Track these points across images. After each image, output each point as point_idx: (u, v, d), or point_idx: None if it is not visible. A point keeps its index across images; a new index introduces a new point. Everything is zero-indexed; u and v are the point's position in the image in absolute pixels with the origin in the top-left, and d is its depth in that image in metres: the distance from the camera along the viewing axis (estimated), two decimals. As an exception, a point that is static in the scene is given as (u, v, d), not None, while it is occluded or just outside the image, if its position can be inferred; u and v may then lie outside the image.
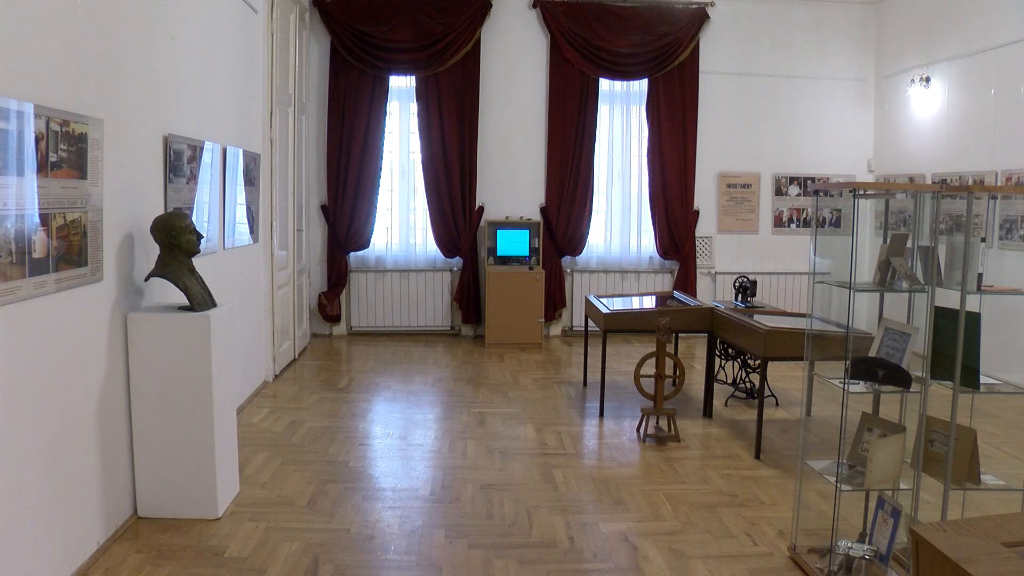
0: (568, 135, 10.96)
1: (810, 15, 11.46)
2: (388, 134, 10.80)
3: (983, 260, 4.02)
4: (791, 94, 11.53)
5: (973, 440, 4.09)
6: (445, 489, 5.56)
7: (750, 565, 4.52)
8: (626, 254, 11.41)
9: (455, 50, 10.56)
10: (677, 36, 10.99)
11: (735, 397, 8.00)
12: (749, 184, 11.54)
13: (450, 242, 10.89)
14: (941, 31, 10.23)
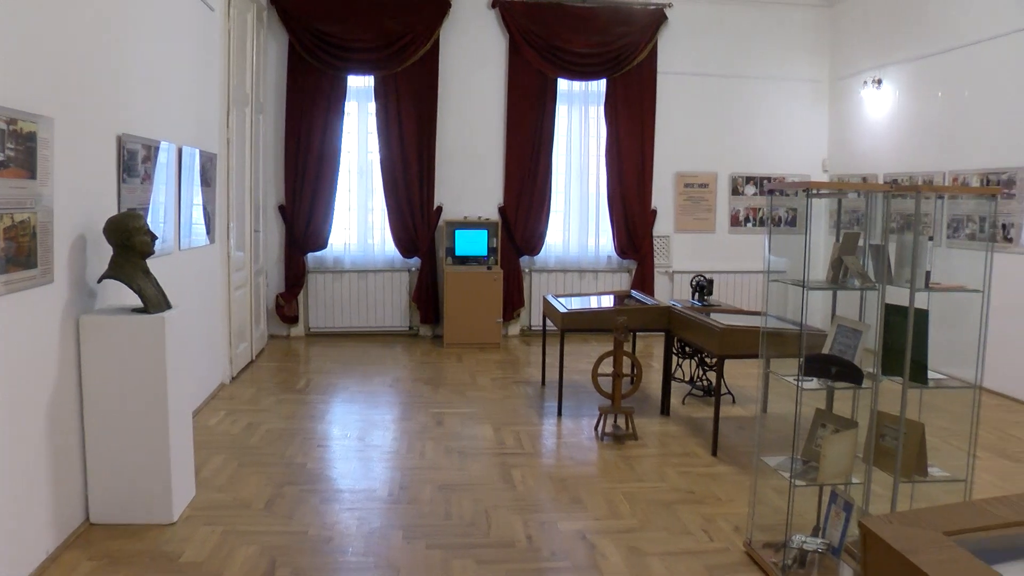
0: (527, 135, 10.98)
1: (766, 17, 11.58)
2: (346, 134, 10.76)
3: (931, 258, 4.09)
4: (748, 95, 11.65)
5: (921, 434, 4.17)
6: (403, 490, 5.55)
7: (707, 561, 4.56)
8: (584, 254, 11.46)
9: (414, 50, 10.54)
10: (635, 37, 11.06)
11: (692, 395, 8.07)
12: (706, 184, 11.64)
13: (408, 242, 10.86)
14: (892, 35, 10.39)
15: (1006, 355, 8.16)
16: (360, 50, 10.46)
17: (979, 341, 4.07)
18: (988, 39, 8.77)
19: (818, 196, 4.85)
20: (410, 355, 10.00)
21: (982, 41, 8.86)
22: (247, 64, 9.00)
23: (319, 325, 10.95)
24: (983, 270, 3.99)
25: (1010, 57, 8.49)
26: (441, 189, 10.94)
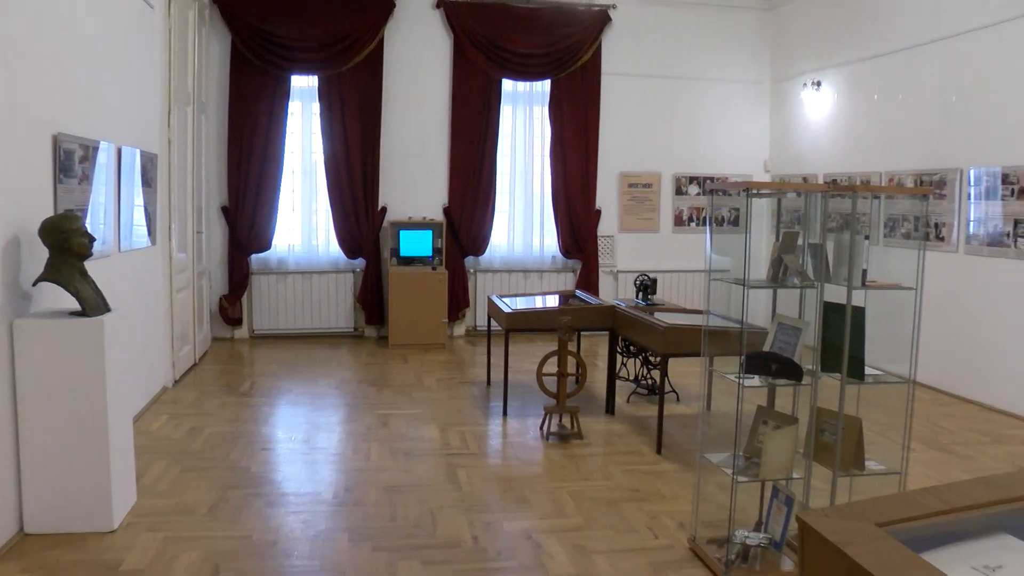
0: (471, 135, 10.99)
1: (708, 20, 11.72)
2: (290, 134, 10.67)
3: (867, 257, 4.17)
4: (691, 96, 11.78)
5: (859, 429, 4.26)
6: (349, 492, 5.53)
7: (651, 558, 4.61)
8: (529, 254, 11.50)
9: (358, 50, 10.49)
10: (579, 38, 11.12)
11: (637, 393, 8.13)
12: (650, 184, 11.74)
13: (353, 243, 10.81)
14: (831, 39, 10.58)
15: (939, 350, 8.37)
16: (304, 50, 10.38)
17: (912, 337, 4.17)
18: (918, 45, 8.99)
19: (758, 196, 4.93)
20: (355, 356, 9.95)
21: (913, 47, 9.08)
22: (189, 63, 8.89)
23: (263, 327, 10.84)
24: (916, 268, 4.08)
25: (938, 63, 8.71)
26: (386, 190, 10.90)
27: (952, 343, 8.40)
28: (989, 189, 8.04)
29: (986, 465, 6.28)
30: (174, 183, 8.27)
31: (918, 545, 1.68)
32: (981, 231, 8.15)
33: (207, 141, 10.05)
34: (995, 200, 7.97)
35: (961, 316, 8.35)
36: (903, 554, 1.59)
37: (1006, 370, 7.87)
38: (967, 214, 8.34)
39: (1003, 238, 7.87)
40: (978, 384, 8.18)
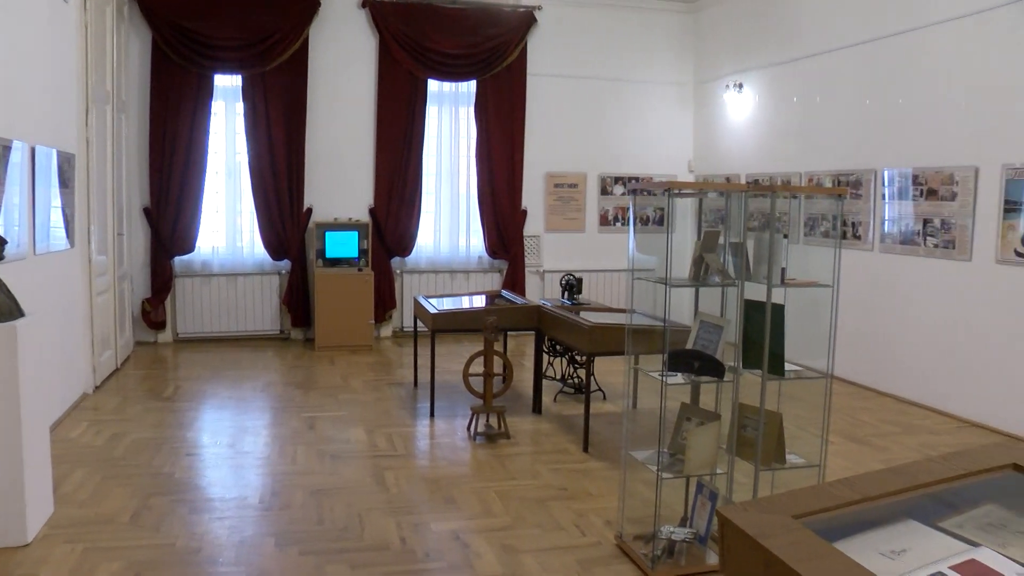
0: (397, 136, 10.94)
1: (633, 21, 11.84)
2: (214, 134, 10.50)
3: (787, 255, 4.26)
4: (616, 96, 11.89)
5: (779, 424, 4.36)
6: (275, 496, 5.47)
7: (579, 556, 4.65)
8: (455, 254, 11.50)
9: (282, 49, 10.37)
10: (505, 38, 11.15)
11: (564, 393, 8.19)
12: (576, 184, 11.83)
13: (278, 244, 10.69)
14: (751, 42, 10.79)
15: (856, 346, 8.60)
16: (226, 48, 10.23)
17: (830, 333, 4.27)
18: (834, 49, 9.23)
19: (680, 196, 5.00)
20: (281, 359, 9.84)
21: (830, 51, 9.31)
22: (107, 60, 8.69)
23: (188, 330, 10.65)
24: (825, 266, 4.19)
25: (853, 67, 8.95)
26: (311, 190, 10.80)
27: (868, 338, 8.63)
28: (901, 189, 8.28)
29: (900, 455, 6.47)
30: (93, 184, 8.09)
31: (832, 534, 1.74)
32: (894, 230, 8.38)
33: (128, 141, 9.85)
34: (907, 200, 8.20)
35: (876, 312, 8.58)
36: (817, 544, 1.64)
37: (917, 364, 8.11)
38: (882, 213, 8.57)
39: (914, 236, 8.11)
40: (892, 377, 8.42)
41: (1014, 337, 7.13)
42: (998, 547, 1.74)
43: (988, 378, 7.38)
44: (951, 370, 7.75)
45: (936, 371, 7.91)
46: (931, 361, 7.96)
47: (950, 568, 1.66)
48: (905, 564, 1.70)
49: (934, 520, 1.87)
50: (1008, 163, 7.14)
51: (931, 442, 6.91)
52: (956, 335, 7.69)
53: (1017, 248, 7.05)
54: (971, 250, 7.51)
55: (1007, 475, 2.01)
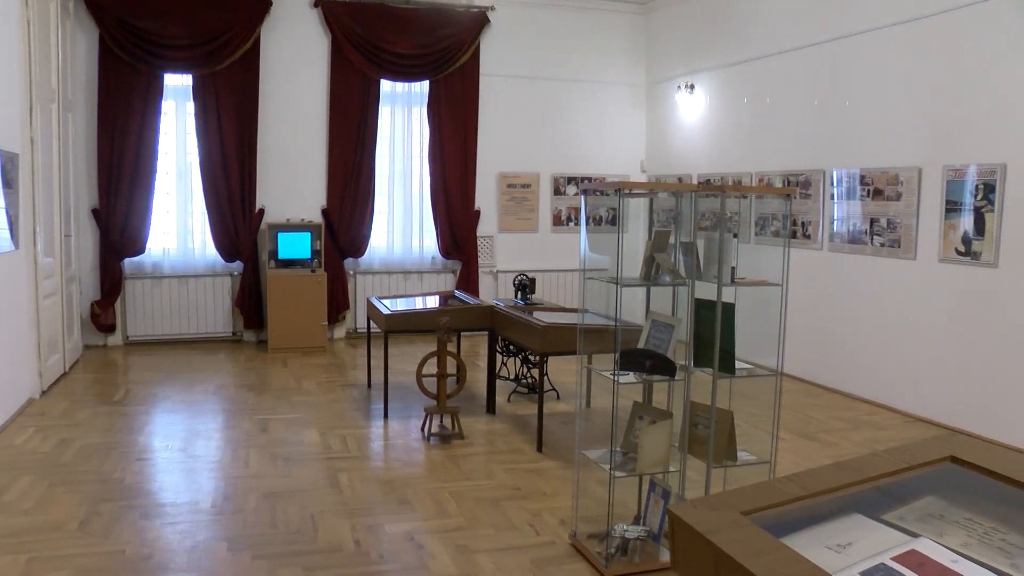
0: (350, 136, 10.89)
1: (586, 21, 11.89)
2: (164, 134, 10.37)
3: (736, 255, 4.32)
4: (569, 97, 11.93)
5: (731, 422, 4.41)
6: (227, 500, 5.43)
7: (533, 555, 4.66)
8: (408, 255, 11.48)
9: (233, 48, 10.27)
10: (458, 39, 11.14)
11: (518, 392, 8.21)
12: (529, 184, 11.86)
13: (230, 246, 10.59)
14: (702, 43, 10.90)
15: (806, 343, 8.72)
16: (176, 47, 10.11)
17: (779, 331, 4.33)
18: (784, 51, 9.36)
19: (630, 196, 5.04)
20: (234, 361, 9.75)
21: (779, 53, 9.43)
22: (52, 58, 8.54)
23: (138, 333, 10.51)
24: (775, 265, 4.25)
25: (802, 69, 9.08)
26: (263, 191, 10.71)
27: (818, 336, 8.76)
28: (849, 190, 8.42)
29: (848, 450, 6.58)
30: (39, 184, 7.95)
31: (780, 530, 1.77)
32: (843, 229, 8.52)
33: (75, 140, 9.70)
34: (855, 200, 8.34)
35: (826, 310, 8.71)
36: (765, 539, 1.67)
37: (865, 360, 8.25)
38: (830, 213, 8.70)
39: (862, 236, 8.25)
40: (841, 374, 8.55)
41: (955, 334, 7.29)
42: (936, 537, 1.80)
43: (931, 374, 7.53)
44: (897, 366, 7.89)
45: (883, 367, 8.05)
46: (878, 358, 8.10)
47: (892, 559, 1.70)
48: (850, 557, 1.74)
49: (878, 513, 1.92)
50: (949, 164, 7.29)
51: (878, 437, 7.04)
52: (901, 332, 7.84)
53: (958, 247, 7.21)
54: (915, 249, 7.65)
55: (946, 467, 2.07)
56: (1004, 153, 6.83)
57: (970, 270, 7.12)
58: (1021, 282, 6.71)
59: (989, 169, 6.93)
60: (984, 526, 1.85)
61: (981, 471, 2.01)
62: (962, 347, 7.24)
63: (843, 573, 1.66)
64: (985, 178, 6.97)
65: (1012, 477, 1.95)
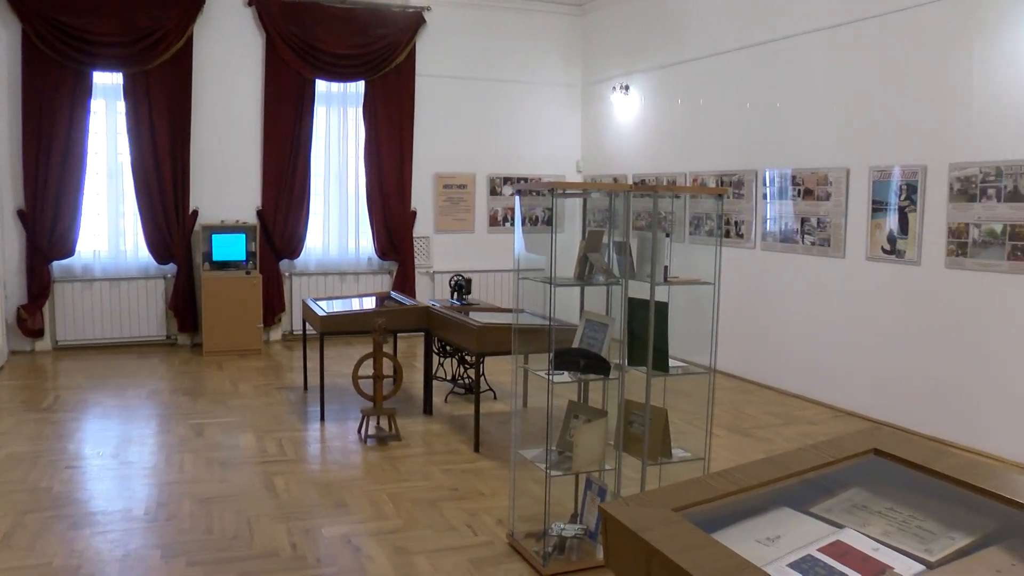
0: (285, 136, 10.79)
1: (522, 22, 11.93)
2: (93, 134, 10.15)
3: (669, 254, 4.37)
4: (505, 98, 11.96)
5: (665, 419, 4.45)
6: (161, 507, 5.34)
7: (471, 555, 4.67)
8: (345, 256, 11.41)
9: (165, 47, 10.09)
10: (394, 39, 11.10)
11: (455, 393, 8.20)
12: (465, 185, 11.86)
13: (163, 248, 10.42)
14: (637, 44, 11.00)
15: (740, 341, 8.85)
16: (105, 44, 9.90)
17: (712, 329, 4.39)
18: (717, 54, 9.48)
19: (564, 196, 5.07)
20: (168, 365, 9.60)
21: (713, 55, 9.56)
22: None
23: (68, 338, 10.28)
24: (709, 264, 4.32)
25: (735, 71, 9.22)
26: (197, 192, 10.55)
27: (752, 334, 8.90)
28: (781, 189, 8.57)
29: (781, 446, 6.70)
30: (-39, 187, 7.75)
31: (711, 525, 1.81)
32: (775, 228, 8.67)
33: (-1, 141, 9.46)
34: (787, 200, 8.49)
35: (759, 308, 8.86)
36: (696, 535, 1.70)
37: (796, 357, 8.41)
38: (763, 213, 8.84)
39: (793, 235, 8.40)
40: (774, 371, 8.70)
41: (881, 330, 7.47)
42: (860, 527, 1.87)
43: (859, 369, 7.71)
44: (827, 362, 8.05)
45: (814, 364, 8.21)
46: (809, 354, 8.26)
47: (818, 550, 1.76)
48: (779, 549, 1.78)
49: (806, 506, 1.98)
50: (875, 165, 7.47)
51: (810, 432, 7.17)
52: (831, 329, 8.00)
53: (884, 246, 7.40)
54: (844, 247, 7.82)
55: (870, 459, 2.13)
56: (925, 155, 7.03)
57: (895, 268, 7.31)
58: (941, 279, 6.91)
59: (911, 170, 7.12)
60: (903, 514, 1.93)
61: (901, 462, 2.08)
62: (888, 343, 7.42)
63: (772, 566, 1.70)
64: (908, 179, 7.16)
65: (929, 467, 2.02)
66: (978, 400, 6.67)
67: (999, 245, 6.44)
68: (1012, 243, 6.35)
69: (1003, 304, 6.46)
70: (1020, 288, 6.32)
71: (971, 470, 1.98)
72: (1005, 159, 6.40)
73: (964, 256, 6.70)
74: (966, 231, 6.68)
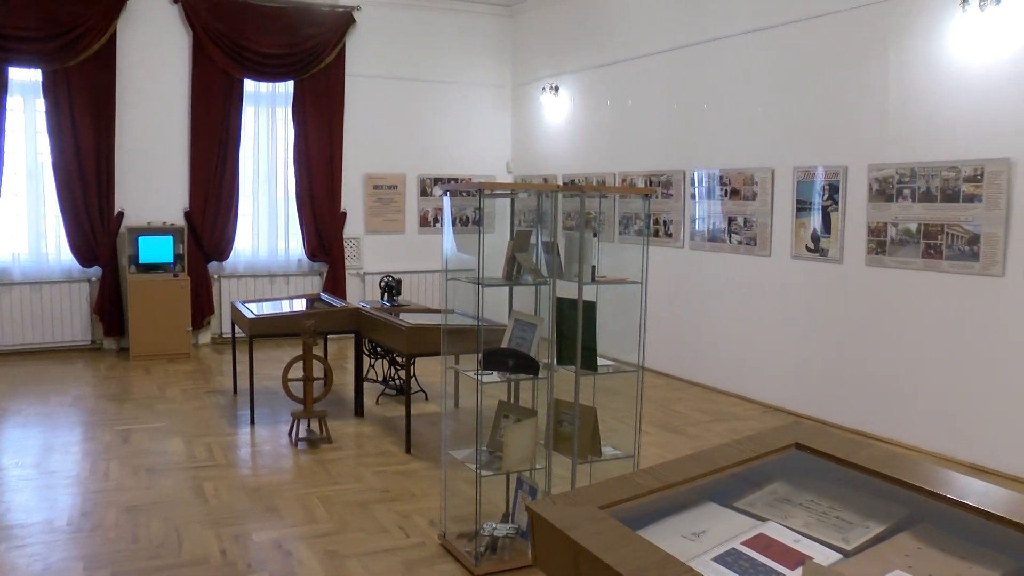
0: (213, 137, 10.63)
1: (452, 23, 11.92)
2: (11, 132, 9.85)
3: (597, 253, 4.41)
4: (435, 98, 11.93)
5: (594, 418, 4.49)
6: (85, 517, 5.21)
7: (403, 557, 4.66)
8: (274, 258, 11.28)
9: (87, 43, 9.84)
10: (323, 38, 11.01)
11: (386, 395, 8.17)
12: (395, 185, 11.81)
13: (87, 250, 10.18)
14: (566, 45, 11.07)
15: (670, 339, 8.96)
16: (22, 39, 9.61)
17: (640, 327, 4.44)
18: (645, 55, 9.59)
19: (492, 196, 5.09)
20: (93, 371, 9.39)
21: (640, 56, 9.66)
22: None
23: (-15, 343, 10.01)
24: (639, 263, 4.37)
25: (663, 72, 9.33)
26: (122, 193, 10.33)
27: (681, 332, 9.02)
28: (709, 189, 8.69)
29: (710, 441, 6.80)
30: None
31: (637, 522, 1.84)
32: (703, 228, 8.79)
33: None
34: (715, 199, 8.62)
35: (688, 307, 8.98)
36: (622, 532, 1.72)
37: (725, 354, 8.55)
38: (691, 212, 8.96)
39: (721, 234, 8.53)
40: (704, 368, 8.83)
41: (806, 327, 7.63)
42: (782, 520, 1.92)
43: (786, 365, 7.86)
44: (755, 359, 8.20)
45: (742, 361, 8.35)
46: (737, 351, 8.40)
47: (742, 544, 1.80)
48: (703, 544, 1.82)
49: (730, 500, 2.02)
50: (798, 166, 7.64)
51: (739, 428, 7.29)
52: (759, 326, 8.15)
53: (808, 244, 7.56)
54: (770, 246, 7.97)
55: (791, 453, 2.18)
56: (846, 156, 7.20)
57: (819, 266, 7.47)
58: (862, 277, 7.09)
59: (833, 171, 7.29)
60: (823, 506, 1.98)
61: (821, 455, 2.13)
62: (812, 339, 7.59)
63: (696, 560, 1.73)
64: (830, 179, 7.32)
65: (847, 459, 2.07)
66: (897, 393, 6.86)
67: (914, 244, 6.64)
68: (926, 242, 6.55)
69: (918, 300, 6.66)
70: (933, 285, 6.53)
71: (886, 461, 2.04)
72: (919, 161, 6.59)
73: (883, 254, 6.88)
74: (884, 230, 6.87)
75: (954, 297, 6.40)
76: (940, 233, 6.45)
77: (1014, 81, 5.99)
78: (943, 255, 6.43)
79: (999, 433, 6.16)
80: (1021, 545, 1.70)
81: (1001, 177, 6.04)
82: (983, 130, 6.19)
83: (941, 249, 6.44)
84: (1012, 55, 5.99)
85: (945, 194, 6.41)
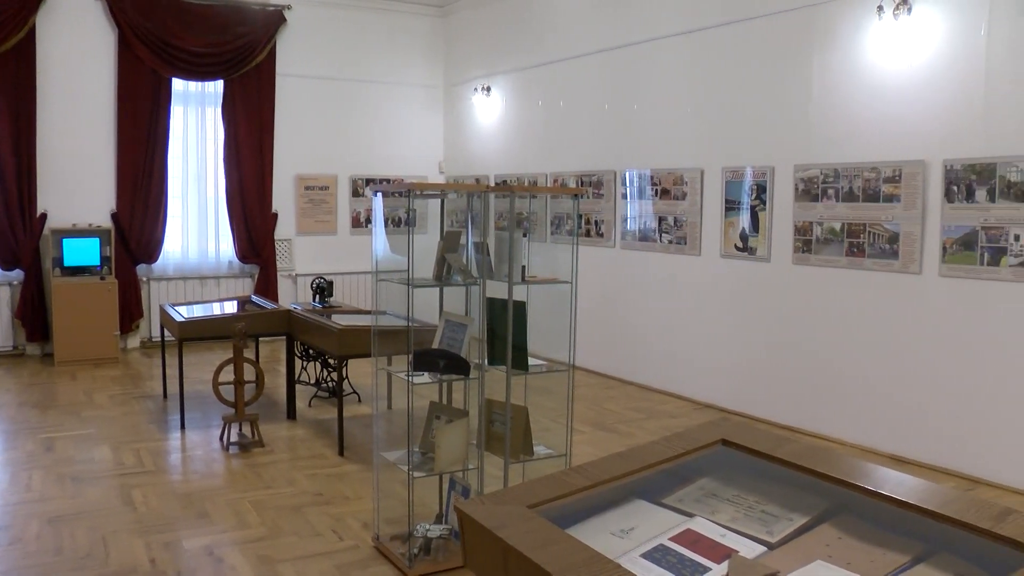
0: (140, 136, 10.43)
1: (384, 23, 11.87)
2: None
3: (527, 253, 4.44)
4: (367, 98, 11.87)
5: (526, 417, 4.52)
6: (5, 530, 5.04)
7: (337, 561, 4.63)
8: (205, 260, 11.12)
9: (2, 37, 9.56)
10: (253, 37, 10.89)
11: (319, 397, 8.10)
12: (327, 186, 11.73)
13: (8, 253, 9.92)
14: (498, 46, 11.11)
15: (602, 338, 9.04)
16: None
17: (570, 327, 4.48)
18: (575, 56, 9.66)
19: (422, 196, 5.10)
20: (15, 377, 9.14)
21: (571, 58, 9.74)
22: None
23: (-100, 350, 9.71)
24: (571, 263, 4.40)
25: (594, 73, 9.42)
26: (45, 194, 10.07)
27: (613, 331, 9.11)
28: (640, 189, 8.79)
29: (643, 439, 6.80)
30: None
31: (566, 521, 1.86)
32: (634, 227, 8.88)
33: None
34: (646, 199, 8.72)
35: (620, 306, 9.07)
36: (551, 531, 1.74)
37: (656, 352, 8.66)
38: (622, 212, 9.05)
39: (652, 233, 8.63)
40: (636, 366, 8.92)
41: (735, 324, 7.77)
42: (709, 515, 1.96)
43: (716, 362, 7.99)
44: (686, 356, 8.31)
45: (673, 358, 8.46)
46: (669, 349, 8.51)
47: (670, 539, 1.84)
48: (633, 541, 1.85)
49: (658, 497, 2.06)
50: (727, 166, 7.76)
51: (671, 425, 7.38)
52: (689, 324, 8.27)
53: (737, 243, 7.69)
54: (700, 245, 8.09)
55: (718, 450, 2.23)
56: (773, 156, 7.35)
57: (748, 264, 7.60)
58: (789, 275, 7.24)
59: (761, 171, 7.43)
60: (749, 500, 2.03)
61: (747, 451, 2.17)
62: (741, 336, 7.72)
63: (625, 557, 1.76)
64: (758, 179, 7.46)
65: (772, 454, 2.12)
66: (823, 388, 7.02)
67: (838, 242, 6.80)
68: (849, 240, 6.71)
69: (842, 298, 6.83)
70: (856, 282, 6.71)
71: (809, 455, 2.09)
72: (842, 162, 6.76)
73: (809, 253, 7.03)
74: (810, 229, 7.02)
75: (876, 294, 6.57)
76: (863, 232, 6.61)
77: (928, 86, 6.18)
78: (865, 253, 6.60)
79: (918, 424, 6.34)
80: (933, 530, 1.77)
81: (917, 178, 6.22)
82: (900, 132, 6.37)
83: (864, 248, 6.61)
84: (926, 61, 6.17)
85: (867, 194, 6.57)
